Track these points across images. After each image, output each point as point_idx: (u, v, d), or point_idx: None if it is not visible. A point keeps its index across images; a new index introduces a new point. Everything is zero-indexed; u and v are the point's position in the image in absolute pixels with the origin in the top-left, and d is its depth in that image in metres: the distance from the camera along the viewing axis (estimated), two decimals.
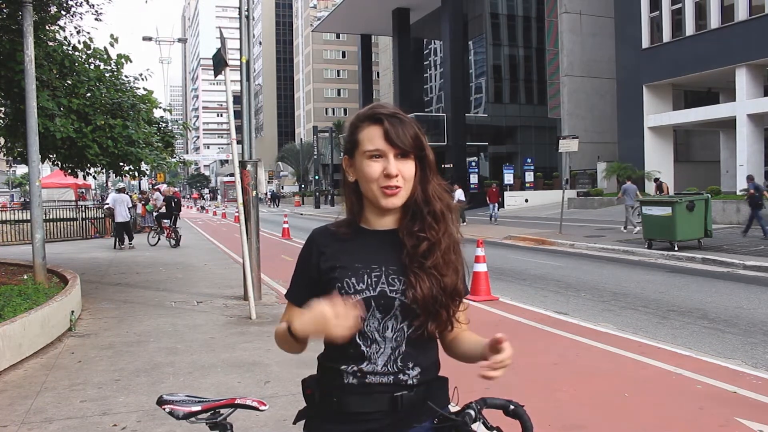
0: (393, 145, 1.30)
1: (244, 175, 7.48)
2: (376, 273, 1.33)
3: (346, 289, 1.32)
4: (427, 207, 1.35)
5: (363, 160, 1.32)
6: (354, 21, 44.44)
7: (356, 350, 1.32)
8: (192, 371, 4.78)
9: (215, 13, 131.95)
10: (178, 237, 16.49)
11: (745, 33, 21.74)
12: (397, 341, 1.33)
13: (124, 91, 9.43)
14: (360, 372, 1.32)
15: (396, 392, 1.31)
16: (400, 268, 1.34)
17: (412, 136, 1.32)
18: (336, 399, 1.33)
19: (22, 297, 6.16)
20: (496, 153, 39.27)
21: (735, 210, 16.99)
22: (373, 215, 1.38)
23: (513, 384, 4.36)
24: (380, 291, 1.32)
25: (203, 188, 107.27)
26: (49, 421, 3.75)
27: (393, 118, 1.32)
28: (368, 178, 1.32)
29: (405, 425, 1.33)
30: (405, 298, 1.32)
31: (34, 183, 7.56)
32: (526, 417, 1.34)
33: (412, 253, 1.33)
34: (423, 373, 1.35)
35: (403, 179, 1.31)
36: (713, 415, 3.68)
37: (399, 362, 1.33)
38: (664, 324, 6.33)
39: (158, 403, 1.48)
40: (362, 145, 1.33)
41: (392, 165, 1.30)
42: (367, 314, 1.32)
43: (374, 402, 1.31)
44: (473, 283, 7.70)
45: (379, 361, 1.32)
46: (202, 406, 1.47)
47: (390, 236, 1.37)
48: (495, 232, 17.95)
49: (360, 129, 1.35)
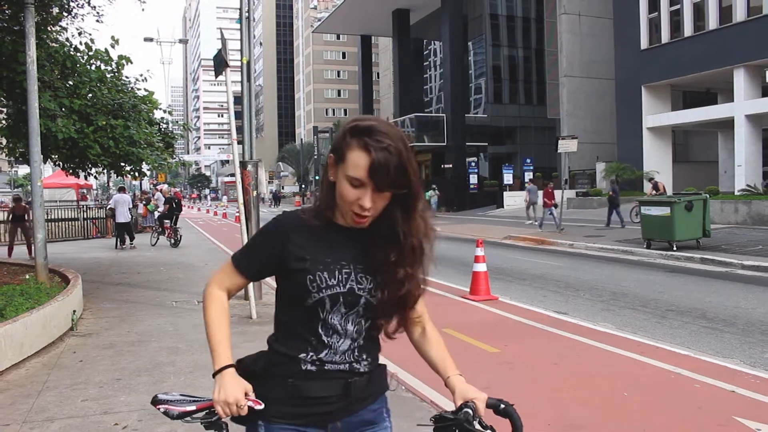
0: (374, 181, 1.28)
1: (244, 176, 7.51)
2: (346, 270, 1.37)
3: (318, 283, 1.35)
4: (409, 239, 1.38)
5: (343, 178, 1.32)
6: (354, 22, 44.46)
7: (318, 340, 1.37)
8: (193, 370, 4.81)
9: (216, 14, 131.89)
10: (179, 237, 16.52)
11: (744, 34, 21.77)
12: (357, 334, 1.40)
13: (125, 92, 9.47)
14: (319, 361, 1.37)
15: (350, 378, 1.38)
16: (367, 267, 1.39)
17: (397, 173, 1.28)
18: (291, 383, 1.37)
19: (24, 297, 6.17)
20: (495, 153, 39.29)
21: (733, 210, 17.01)
22: (342, 216, 1.39)
23: (513, 384, 4.38)
24: (349, 288, 1.37)
25: (204, 188, 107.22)
26: (50, 420, 3.77)
27: (384, 151, 1.27)
28: (343, 198, 1.33)
29: (355, 408, 1.41)
30: (370, 296, 1.38)
31: (35, 183, 7.58)
32: (516, 416, 1.37)
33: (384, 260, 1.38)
34: (372, 362, 1.44)
35: (374, 210, 1.33)
36: (712, 414, 3.71)
37: (355, 353, 1.40)
38: (662, 324, 6.36)
39: (153, 403, 1.48)
40: (346, 165, 1.30)
41: (368, 199, 1.30)
42: (333, 308, 1.36)
43: (330, 387, 1.37)
44: (473, 283, 7.73)
45: (339, 349, 1.38)
46: (196, 406, 1.46)
47: (359, 234, 1.39)
48: (495, 232, 17.98)
49: (349, 147, 1.31)
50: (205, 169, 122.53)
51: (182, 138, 14.91)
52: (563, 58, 31.89)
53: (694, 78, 24.73)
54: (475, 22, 39.89)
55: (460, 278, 9.27)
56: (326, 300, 1.35)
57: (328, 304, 1.36)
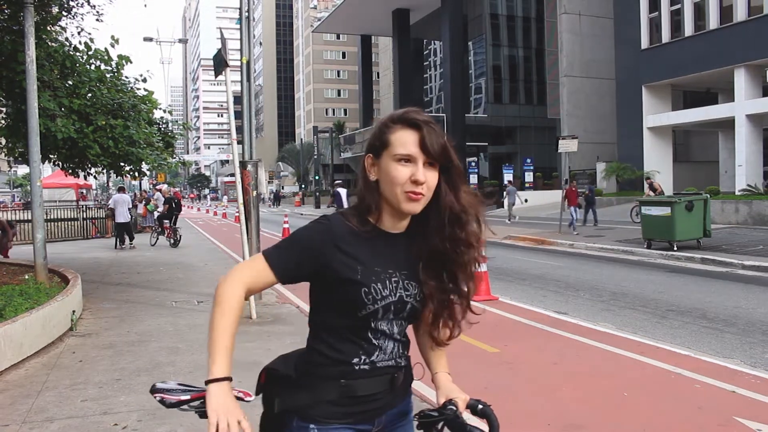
0: (426, 153, 1.32)
1: (244, 175, 7.50)
2: (394, 278, 1.38)
3: (373, 295, 1.34)
4: (465, 215, 1.39)
5: (391, 162, 1.33)
6: (354, 21, 44.48)
7: (369, 344, 1.39)
8: (193, 370, 4.80)
9: (216, 13, 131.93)
10: (179, 237, 16.52)
11: (744, 34, 21.76)
12: (401, 335, 1.44)
13: (124, 92, 9.46)
14: (371, 363, 1.39)
15: (395, 373, 1.43)
16: (412, 272, 1.40)
17: (442, 146, 1.34)
18: (344, 383, 1.36)
19: (23, 297, 6.16)
20: (495, 153, 39.30)
21: (734, 210, 17.01)
22: (389, 217, 1.39)
23: (512, 384, 4.38)
24: (399, 296, 1.38)
25: (204, 188, 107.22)
26: (50, 421, 3.76)
27: (428, 126, 1.34)
28: (395, 181, 1.32)
29: (397, 401, 1.46)
30: (416, 302, 1.40)
31: (35, 183, 7.57)
32: (493, 416, 1.38)
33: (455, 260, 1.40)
34: (408, 356, 1.49)
35: (427, 187, 1.33)
36: (712, 414, 3.70)
37: (400, 349, 1.44)
38: (663, 324, 6.35)
39: (151, 392, 1.50)
40: (393, 147, 1.33)
41: (421, 172, 1.32)
42: (384, 317, 1.38)
43: (379, 383, 1.40)
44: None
45: (387, 350, 1.41)
46: (191, 395, 1.49)
47: (402, 239, 1.42)
48: (494, 231, 17.92)
49: (392, 131, 1.35)
50: (204, 169, 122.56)
51: (182, 138, 14.89)
52: (563, 57, 31.89)
53: (694, 78, 24.73)
54: (475, 22, 39.91)
55: None
56: (380, 311, 1.36)
57: (381, 313, 1.37)
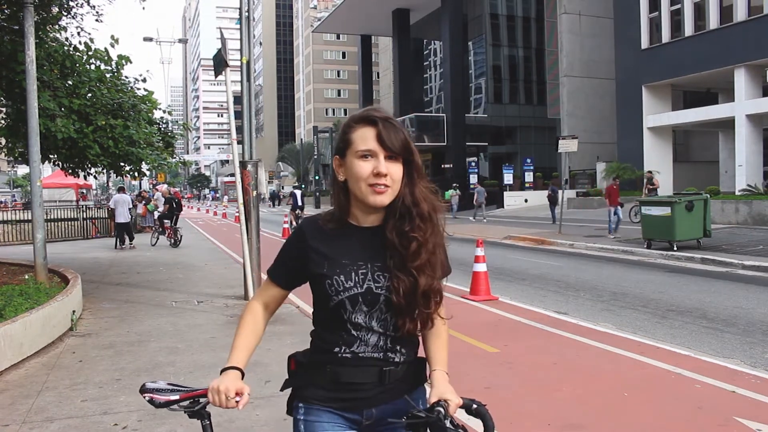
0: (384, 146, 1.38)
1: (244, 175, 7.50)
2: (362, 270, 1.43)
3: (335, 287, 1.42)
4: (415, 208, 1.43)
5: (354, 159, 1.40)
6: (354, 21, 44.46)
7: (348, 334, 1.44)
8: (193, 370, 4.80)
9: (216, 13, 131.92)
10: (179, 237, 16.52)
11: (744, 33, 21.76)
12: (383, 328, 1.45)
13: (124, 92, 9.45)
14: (352, 352, 1.44)
15: (384, 367, 1.45)
16: (385, 265, 1.44)
17: (402, 141, 1.41)
18: (329, 368, 1.44)
19: (23, 297, 6.16)
20: (495, 153, 39.29)
21: (734, 210, 17.00)
22: (359, 212, 1.46)
23: (513, 383, 4.37)
24: (367, 288, 1.42)
25: (204, 188, 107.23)
26: (50, 421, 3.76)
27: (386, 122, 1.40)
28: (358, 177, 1.39)
29: (390, 397, 1.47)
30: (389, 293, 1.42)
31: (35, 183, 7.58)
32: (488, 416, 1.39)
33: (402, 253, 1.42)
34: (408, 354, 1.49)
35: (391, 179, 1.39)
36: (712, 414, 3.70)
37: (389, 343, 1.46)
38: (663, 324, 6.35)
39: (141, 391, 1.52)
40: (355, 144, 1.41)
41: (382, 165, 1.38)
42: (355, 308, 1.42)
43: (365, 374, 1.44)
44: (473, 283, 7.72)
45: (370, 342, 1.45)
46: (180, 395, 1.50)
47: (374, 233, 1.46)
48: (495, 232, 17.97)
49: (353, 130, 1.43)
50: (204, 169, 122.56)
51: (182, 138, 14.89)
52: (563, 57, 31.89)
53: (694, 78, 24.73)
54: (475, 21, 39.90)
55: (461, 278, 9.27)
56: (345, 302, 1.42)
57: (349, 305, 1.42)
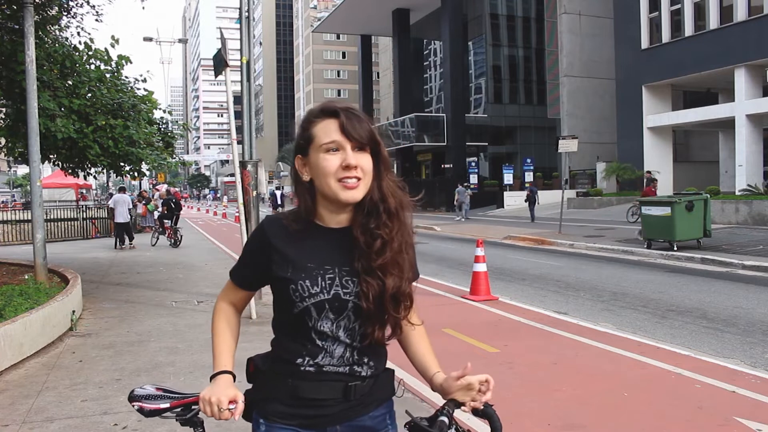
0: (350, 137, 1.29)
1: (244, 175, 7.50)
2: (329, 275, 1.32)
3: (300, 292, 1.31)
4: (382, 204, 1.33)
5: (319, 154, 1.30)
6: (354, 21, 44.46)
7: (312, 344, 1.34)
8: (193, 370, 4.80)
9: (216, 13, 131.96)
10: (179, 237, 16.53)
11: (744, 33, 21.76)
12: (350, 338, 1.34)
13: (124, 92, 9.46)
14: (316, 365, 1.33)
15: (350, 382, 1.34)
16: (353, 269, 1.33)
17: (368, 131, 1.31)
18: (290, 382, 1.34)
19: (23, 297, 6.16)
20: (495, 153, 39.29)
21: (734, 210, 17.00)
22: (327, 212, 1.36)
23: (512, 383, 4.37)
24: (334, 294, 1.32)
25: (204, 188, 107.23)
26: (50, 421, 3.76)
27: (348, 112, 1.31)
28: (326, 172, 1.29)
29: (356, 413, 1.37)
30: (358, 299, 1.32)
31: (35, 183, 7.57)
32: (495, 417, 1.33)
33: (365, 251, 1.32)
34: (376, 367, 1.39)
35: (362, 171, 1.30)
36: (712, 414, 3.70)
37: (355, 356, 1.35)
38: (663, 324, 6.35)
39: (129, 399, 1.43)
40: (318, 139, 1.31)
41: (350, 156, 1.28)
42: (321, 316, 1.32)
43: (329, 389, 1.33)
44: (473, 283, 7.72)
45: (335, 353, 1.34)
46: (170, 403, 1.42)
47: (343, 234, 1.35)
48: (495, 232, 17.97)
49: (314, 124, 1.33)
50: (204, 169, 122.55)
51: (182, 138, 14.89)
52: (563, 57, 31.88)
53: (694, 78, 24.73)
54: (475, 21, 39.89)
55: (461, 278, 9.28)
56: (311, 309, 1.31)
57: (314, 312, 1.31)
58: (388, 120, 46.68)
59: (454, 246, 14.80)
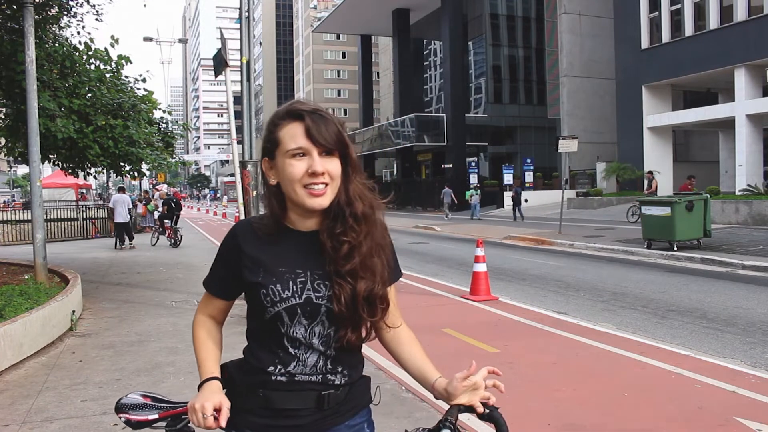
0: (316, 143, 1.24)
1: (244, 175, 7.51)
2: (301, 279, 1.29)
3: (271, 297, 1.28)
4: (348, 208, 1.29)
5: (285, 159, 1.26)
6: (354, 21, 44.48)
7: (285, 352, 1.30)
8: (193, 370, 4.79)
9: (216, 13, 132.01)
10: (179, 237, 16.53)
11: (744, 33, 21.76)
12: (324, 346, 1.31)
13: (124, 92, 9.46)
14: (288, 373, 1.30)
15: (323, 391, 1.30)
16: (325, 273, 1.30)
17: (335, 133, 1.25)
18: (262, 393, 1.30)
19: (23, 297, 6.16)
20: (495, 153, 39.31)
21: (734, 210, 17.00)
22: (296, 216, 1.32)
23: (512, 384, 4.37)
24: (306, 298, 1.28)
25: (203, 188, 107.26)
26: (50, 421, 3.76)
27: (314, 114, 1.25)
28: (291, 179, 1.25)
29: (330, 423, 1.33)
30: (330, 303, 1.29)
31: (35, 183, 7.57)
32: (502, 421, 1.28)
33: (333, 256, 1.29)
34: (350, 374, 1.35)
35: (329, 176, 1.25)
36: (712, 414, 3.70)
37: (329, 365, 1.32)
38: (663, 324, 6.35)
39: (116, 410, 1.37)
40: (283, 143, 1.26)
41: (317, 163, 1.24)
42: (293, 321, 1.29)
43: (301, 399, 1.30)
44: (473, 283, 7.72)
45: (308, 362, 1.31)
46: (159, 414, 1.36)
47: (314, 238, 1.32)
48: (495, 232, 17.97)
49: (279, 127, 1.28)
50: (204, 169, 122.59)
51: (182, 138, 14.89)
52: (563, 57, 31.89)
53: (694, 78, 24.73)
54: (475, 21, 39.90)
55: (460, 278, 9.28)
56: (283, 314, 1.28)
57: (286, 317, 1.28)
58: (388, 120, 46.68)
59: (454, 246, 14.80)
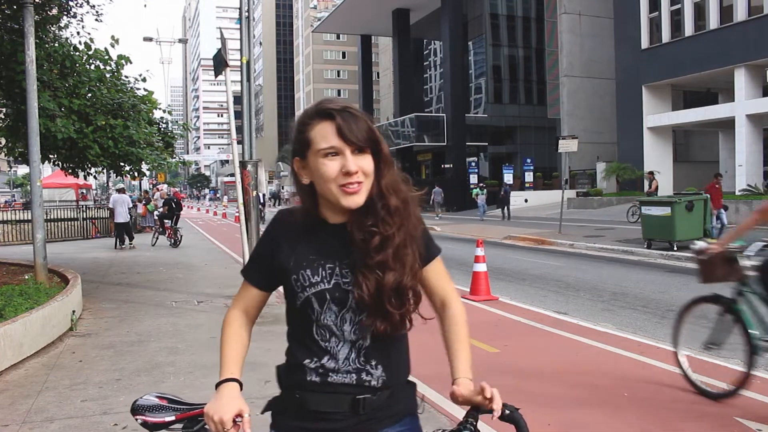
0: (348, 141, 1.24)
1: (244, 175, 7.50)
2: (329, 265, 1.31)
3: (301, 282, 1.31)
4: (381, 201, 1.30)
5: (318, 159, 1.26)
6: (354, 21, 44.46)
7: (316, 345, 1.32)
8: (193, 371, 4.80)
9: (216, 13, 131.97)
10: (179, 237, 16.53)
11: (744, 33, 21.77)
12: (356, 335, 1.31)
13: (124, 92, 9.46)
14: (322, 368, 1.31)
15: (359, 394, 1.29)
16: (352, 262, 1.31)
17: (366, 130, 1.26)
18: (299, 395, 1.32)
19: (23, 297, 6.17)
20: (495, 153, 39.30)
21: (734, 210, 17.01)
22: (329, 212, 1.35)
23: (513, 383, 4.37)
24: (335, 283, 1.31)
25: (204, 188, 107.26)
26: (50, 421, 3.76)
27: (344, 112, 1.26)
28: (326, 178, 1.26)
29: (367, 429, 1.31)
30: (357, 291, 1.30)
31: (35, 183, 7.58)
32: (522, 422, 1.26)
33: (363, 248, 1.29)
34: (388, 374, 1.32)
35: (363, 175, 1.26)
36: (713, 414, 3.70)
37: (361, 358, 1.31)
38: (663, 323, 6.35)
39: (132, 411, 1.38)
40: (315, 143, 1.27)
41: (350, 162, 1.24)
42: (323, 307, 1.31)
43: (335, 402, 1.29)
44: (473, 283, 7.72)
45: (339, 355, 1.31)
46: (176, 416, 1.37)
47: (345, 229, 1.33)
48: (495, 232, 17.97)
49: (310, 127, 1.28)
50: (204, 169, 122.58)
51: (182, 138, 14.89)
52: (563, 57, 31.90)
53: (694, 78, 24.74)
54: (475, 21, 39.89)
55: (461, 278, 9.27)
56: (312, 299, 1.30)
57: (316, 303, 1.30)
58: (388, 120, 46.68)
59: (454, 246, 14.80)
